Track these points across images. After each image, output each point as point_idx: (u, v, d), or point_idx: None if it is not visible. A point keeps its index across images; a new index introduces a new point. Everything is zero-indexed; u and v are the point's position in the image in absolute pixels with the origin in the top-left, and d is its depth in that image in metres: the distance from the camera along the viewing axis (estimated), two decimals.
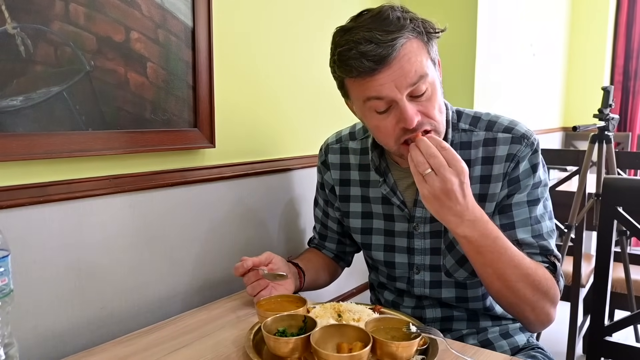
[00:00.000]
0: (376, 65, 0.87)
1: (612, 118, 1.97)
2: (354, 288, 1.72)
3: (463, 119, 1.06)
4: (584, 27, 3.67)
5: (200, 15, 1.12)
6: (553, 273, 1.00)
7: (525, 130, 1.02)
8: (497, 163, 1.01)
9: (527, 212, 1.01)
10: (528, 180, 1.00)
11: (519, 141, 1.00)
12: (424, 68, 0.90)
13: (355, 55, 0.87)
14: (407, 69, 0.88)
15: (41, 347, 0.93)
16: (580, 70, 3.72)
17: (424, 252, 1.09)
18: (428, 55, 0.92)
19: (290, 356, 0.81)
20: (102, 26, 0.96)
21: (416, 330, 0.82)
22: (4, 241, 0.70)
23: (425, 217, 1.06)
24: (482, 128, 1.04)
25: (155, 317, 1.11)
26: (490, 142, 1.02)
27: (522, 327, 1.15)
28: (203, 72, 1.14)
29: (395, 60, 0.87)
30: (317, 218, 1.30)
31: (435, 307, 1.12)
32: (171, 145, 1.10)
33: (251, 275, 1.06)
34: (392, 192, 1.08)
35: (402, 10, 0.92)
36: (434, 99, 0.93)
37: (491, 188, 1.01)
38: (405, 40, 0.88)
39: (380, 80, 0.89)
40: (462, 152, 1.01)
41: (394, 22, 0.88)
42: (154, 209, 1.11)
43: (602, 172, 2.00)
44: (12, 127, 0.85)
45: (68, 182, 0.94)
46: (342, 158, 1.18)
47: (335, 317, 0.91)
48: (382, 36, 0.86)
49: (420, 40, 0.91)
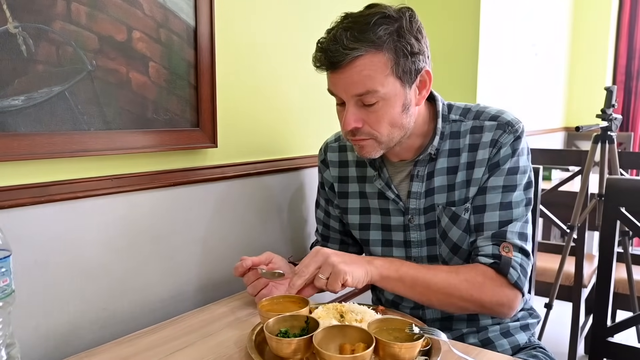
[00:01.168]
0: (330, 67, 0.95)
1: (615, 118, 1.97)
2: (355, 288, 1.71)
3: (454, 111, 1.09)
4: (586, 27, 3.67)
5: (202, 15, 1.12)
6: (497, 266, 0.98)
7: (512, 118, 1.04)
8: (481, 149, 1.03)
9: (499, 197, 1.02)
10: (506, 164, 1.02)
11: (503, 128, 1.02)
12: (375, 84, 0.93)
13: (320, 50, 0.95)
14: (355, 80, 0.94)
15: (43, 348, 0.93)
16: (583, 70, 3.72)
17: (420, 244, 1.11)
18: (391, 72, 0.94)
19: (292, 357, 0.80)
20: (103, 25, 0.96)
21: (419, 331, 0.82)
22: (5, 241, 0.70)
23: (419, 208, 1.08)
24: (470, 118, 1.07)
25: (156, 318, 1.11)
26: (477, 130, 1.05)
27: (522, 326, 1.14)
28: (205, 72, 1.14)
29: (347, 69, 0.93)
30: (318, 220, 1.31)
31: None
32: (173, 145, 1.10)
33: (250, 275, 1.06)
34: (386, 186, 1.10)
35: (394, 19, 0.94)
36: (384, 113, 0.96)
37: (475, 173, 1.04)
38: (364, 54, 0.92)
39: (333, 80, 0.97)
40: (452, 142, 1.06)
41: (368, 30, 0.91)
42: (155, 209, 1.10)
43: (604, 172, 1.99)
44: (13, 127, 0.85)
45: (70, 182, 0.94)
46: (341, 156, 1.21)
47: (337, 317, 0.90)
48: (346, 41, 0.91)
49: (386, 55, 0.93)
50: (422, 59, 0.97)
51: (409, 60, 0.95)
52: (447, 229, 1.07)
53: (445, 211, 1.06)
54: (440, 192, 1.06)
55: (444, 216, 1.06)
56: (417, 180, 1.07)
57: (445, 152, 1.06)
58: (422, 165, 1.07)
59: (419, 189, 1.07)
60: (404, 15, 0.95)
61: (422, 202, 1.08)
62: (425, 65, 0.99)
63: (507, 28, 2.30)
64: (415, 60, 0.95)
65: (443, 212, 1.06)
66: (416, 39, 0.95)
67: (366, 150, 1.02)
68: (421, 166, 1.07)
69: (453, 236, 1.06)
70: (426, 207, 1.08)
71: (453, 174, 1.05)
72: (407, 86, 0.97)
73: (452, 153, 1.06)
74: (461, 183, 1.05)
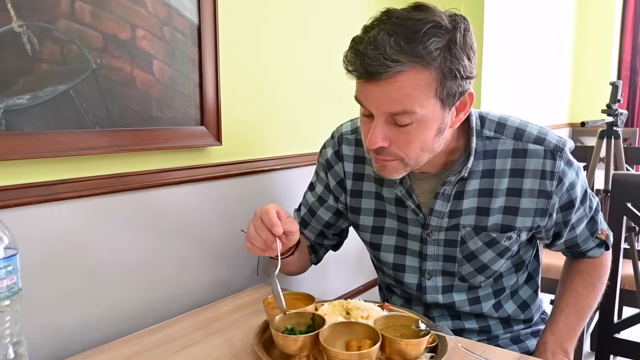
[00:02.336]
0: (365, 76, 0.82)
1: (621, 113, 1.96)
2: (361, 285, 1.71)
3: (487, 125, 0.98)
4: (590, 22, 3.64)
5: (206, 12, 1.12)
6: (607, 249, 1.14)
7: (557, 140, 0.97)
8: (528, 177, 0.96)
9: (584, 221, 1.08)
10: (577, 197, 1.02)
11: (552, 156, 0.96)
12: (413, 105, 0.81)
13: (356, 53, 0.82)
14: (392, 97, 0.81)
15: (50, 346, 0.93)
16: (587, 66, 3.70)
17: (437, 259, 1.05)
18: (434, 94, 0.82)
19: (299, 354, 0.80)
20: (107, 24, 0.95)
21: (425, 328, 0.82)
22: (12, 240, 0.70)
23: (441, 226, 1.02)
24: (509, 136, 0.97)
25: (163, 315, 1.11)
26: (520, 154, 0.96)
27: (533, 332, 1.14)
28: (209, 70, 1.14)
29: (385, 82, 0.80)
30: (306, 202, 1.20)
31: (445, 318, 1.10)
32: (178, 143, 1.10)
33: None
34: (407, 195, 1.02)
35: (447, 31, 0.80)
36: (417, 136, 0.85)
37: (523, 203, 0.97)
38: (407, 69, 0.79)
39: (365, 91, 0.84)
40: (486, 162, 0.97)
41: (416, 41, 0.78)
42: (161, 207, 1.10)
43: (610, 168, 1.99)
44: (19, 126, 0.85)
45: (75, 180, 0.94)
46: (357, 150, 1.09)
47: (343, 314, 0.90)
48: (389, 49, 0.78)
49: (433, 75, 0.81)
50: (470, 82, 0.86)
51: (457, 82, 0.83)
52: (479, 252, 1.01)
53: (477, 234, 1.00)
54: (468, 214, 0.99)
55: (474, 239, 1.00)
56: (442, 199, 0.99)
57: (477, 173, 0.97)
58: (450, 185, 0.98)
59: (442, 208, 1.00)
60: (459, 27, 0.82)
61: (445, 221, 1.01)
62: (470, 87, 0.87)
63: (511, 23, 2.29)
64: (462, 83, 0.84)
65: (473, 235, 1.00)
66: (468, 58, 0.83)
67: (388, 170, 0.91)
68: (449, 185, 0.98)
69: (484, 258, 1.02)
70: (449, 227, 1.01)
71: (487, 196, 0.98)
72: (447, 109, 0.86)
73: (486, 174, 0.97)
74: (499, 209, 0.98)
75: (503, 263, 1.04)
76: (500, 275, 1.08)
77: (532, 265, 1.15)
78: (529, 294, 1.14)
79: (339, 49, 0.89)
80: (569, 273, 1.15)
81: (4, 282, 0.68)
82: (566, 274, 1.15)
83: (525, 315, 1.12)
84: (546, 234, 1.06)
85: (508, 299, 1.11)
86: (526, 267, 1.13)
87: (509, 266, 1.08)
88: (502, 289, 1.09)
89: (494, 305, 1.09)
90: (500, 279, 1.08)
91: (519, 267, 1.10)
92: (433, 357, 0.84)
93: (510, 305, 1.11)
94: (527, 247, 1.11)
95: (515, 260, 1.09)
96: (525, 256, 1.11)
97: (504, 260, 1.04)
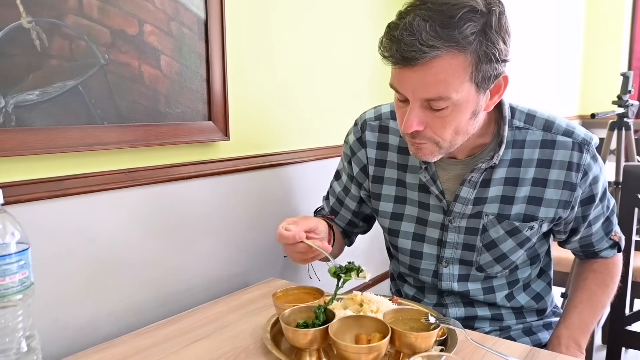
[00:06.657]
0: (401, 62, 0.82)
1: (632, 104, 1.94)
2: (369, 280, 1.71)
3: (517, 115, 1.00)
4: (601, 13, 3.60)
5: (213, 7, 1.12)
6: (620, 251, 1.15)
7: (585, 134, 0.99)
8: (555, 168, 0.98)
9: (601, 219, 1.08)
10: (598, 193, 1.03)
11: (580, 148, 0.97)
12: (449, 90, 0.82)
13: (391, 39, 0.82)
14: (428, 82, 0.82)
15: (62, 339, 0.94)
16: (598, 56, 3.66)
17: (456, 246, 1.06)
18: (469, 78, 0.83)
19: (308, 347, 0.81)
20: (115, 19, 0.96)
21: (435, 321, 0.82)
22: (24, 234, 0.71)
23: (464, 213, 1.02)
24: (538, 127, 0.99)
25: (173, 309, 1.12)
26: (548, 145, 0.98)
27: (546, 324, 1.14)
28: (216, 64, 1.14)
29: (421, 68, 0.81)
30: (333, 191, 1.23)
31: (458, 305, 1.11)
32: (186, 138, 1.10)
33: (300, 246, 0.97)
34: (432, 180, 1.02)
35: (482, 15, 0.80)
36: (452, 120, 0.86)
37: (548, 193, 0.98)
38: (443, 54, 0.79)
39: (401, 77, 0.85)
40: (515, 151, 0.98)
41: (452, 26, 0.78)
42: (170, 202, 1.11)
43: (621, 159, 1.97)
44: (28, 122, 0.85)
45: (84, 175, 0.95)
46: (380, 137, 1.10)
47: (355, 308, 0.90)
48: (424, 35, 0.78)
49: (469, 59, 0.81)
50: (504, 65, 0.87)
51: (492, 66, 0.84)
52: (499, 241, 1.02)
53: (500, 223, 1.01)
54: (492, 202, 1.00)
55: (496, 227, 1.01)
56: (469, 186, 1.00)
57: (505, 162, 0.99)
58: (478, 172, 0.98)
59: (468, 195, 1.00)
60: (494, 11, 0.82)
61: (469, 208, 1.02)
62: (505, 71, 0.88)
63: (521, 16, 2.27)
64: (497, 66, 0.85)
65: (495, 223, 1.01)
66: (504, 41, 0.84)
67: (424, 153, 0.92)
68: (477, 172, 0.98)
69: (504, 247, 1.03)
70: (472, 214, 1.02)
71: (512, 185, 0.99)
72: (482, 92, 0.87)
73: (513, 163, 0.99)
74: (523, 198, 0.99)
75: (521, 254, 1.05)
76: (516, 267, 1.09)
77: (544, 260, 1.16)
78: (542, 286, 1.15)
79: (348, 43, 0.88)
80: (582, 271, 1.15)
81: (16, 276, 0.69)
82: (579, 272, 1.16)
83: (539, 306, 1.13)
84: (564, 228, 1.06)
85: (521, 291, 1.11)
86: (539, 262, 1.14)
87: (525, 258, 1.09)
88: (515, 280, 1.10)
89: (506, 295, 1.09)
90: (515, 270, 1.09)
91: (534, 260, 1.12)
92: (443, 350, 0.84)
93: (523, 297, 1.11)
94: (543, 242, 1.12)
95: (530, 253, 1.09)
96: (540, 250, 1.12)
97: (523, 251, 1.04)
